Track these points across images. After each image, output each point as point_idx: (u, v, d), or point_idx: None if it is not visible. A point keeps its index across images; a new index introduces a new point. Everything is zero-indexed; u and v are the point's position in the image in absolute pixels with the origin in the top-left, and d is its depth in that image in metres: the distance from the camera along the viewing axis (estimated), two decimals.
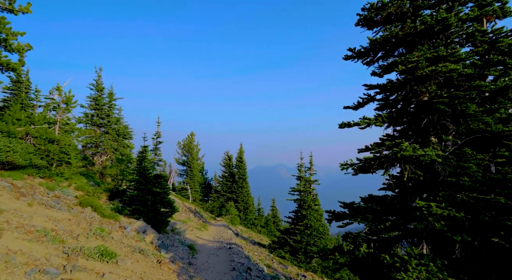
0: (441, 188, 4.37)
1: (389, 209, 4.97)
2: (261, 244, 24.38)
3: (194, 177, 42.30)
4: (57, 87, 15.31)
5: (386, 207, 4.94)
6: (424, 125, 4.81)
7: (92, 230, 7.61)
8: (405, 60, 4.50)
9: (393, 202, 5.09)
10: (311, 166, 22.78)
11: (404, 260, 3.76)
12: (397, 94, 5.41)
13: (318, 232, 20.72)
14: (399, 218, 5.00)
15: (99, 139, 22.33)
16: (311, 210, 21.14)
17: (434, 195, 4.32)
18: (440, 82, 4.65)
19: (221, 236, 19.89)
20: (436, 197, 4.23)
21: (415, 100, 5.20)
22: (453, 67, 4.05)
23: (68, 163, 14.86)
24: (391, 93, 5.78)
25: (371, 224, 4.84)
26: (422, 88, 4.60)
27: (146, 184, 14.11)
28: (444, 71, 4.13)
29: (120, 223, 10.58)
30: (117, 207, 12.99)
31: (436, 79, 4.59)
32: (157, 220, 13.57)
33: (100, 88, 22.98)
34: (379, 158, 5.14)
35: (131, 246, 8.19)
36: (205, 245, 15.45)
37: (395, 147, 4.47)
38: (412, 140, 5.05)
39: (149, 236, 10.69)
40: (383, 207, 4.91)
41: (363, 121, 5.29)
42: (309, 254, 19.97)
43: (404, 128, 5.42)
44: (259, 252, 19.64)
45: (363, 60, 6.26)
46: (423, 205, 4.10)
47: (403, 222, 5.18)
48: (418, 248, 4.60)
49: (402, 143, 4.49)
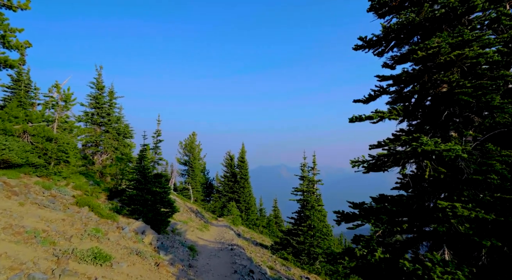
0: (465, 187, 3.95)
1: (405, 210, 4.55)
2: (263, 245, 23.98)
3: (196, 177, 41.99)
4: (56, 85, 15.00)
5: (402, 208, 4.52)
6: (444, 118, 4.39)
7: (87, 231, 7.24)
8: (424, 46, 4.08)
9: (409, 203, 4.67)
10: (314, 165, 22.32)
11: (427, 267, 3.35)
12: (413, 85, 4.99)
13: (321, 233, 20.27)
14: (416, 220, 4.58)
15: (99, 138, 22.03)
16: (315, 211, 20.70)
17: (458, 194, 3.90)
18: (463, 70, 4.24)
19: (223, 237, 19.50)
20: (461, 197, 3.81)
21: (433, 92, 4.77)
22: (482, 52, 3.64)
23: (66, 162, 14.53)
24: (405, 84, 5.36)
25: (386, 226, 4.42)
26: (443, 77, 4.18)
27: (145, 184, 13.76)
28: (471, 56, 3.71)
29: (118, 224, 10.21)
30: (115, 207, 12.64)
31: (459, 67, 4.17)
32: (157, 221, 13.20)
33: (101, 86, 22.68)
34: (394, 155, 4.72)
35: (128, 247, 7.81)
36: (206, 246, 15.07)
37: (414, 141, 4.05)
38: (430, 135, 4.62)
39: (148, 237, 10.32)
40: (398, 208, 4.49)
41: (376, 114, 4.86)
42: (313, 256, 19.53)
43: (420, 123, 5.00)
44: (261, 253, 19.24)
45: (374, 50, 5.84)
46: (446, 206, 3.68)
47: (420, 224, 4.75)
48: (438, 253, 4.17)
49: (421, 137, 4.07)
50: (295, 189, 22.18)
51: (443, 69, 4.33)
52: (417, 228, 4.88)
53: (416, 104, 4.96)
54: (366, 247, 4.36)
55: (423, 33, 4.98)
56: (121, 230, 9.32)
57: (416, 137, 4.14)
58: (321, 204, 21.53)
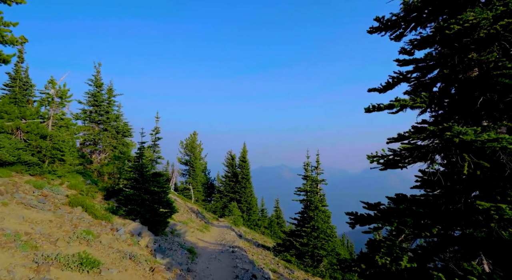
0: (508, 185, 3.35)
1: (432, 211, 3.94)
2: (265, 246, 23.37)
3: (197, 177, 41.47)
4: (51, 80, 14.47)
5: (429, 210, 3.92)
6: (479, 105, 3.79)
7: (76, 233, 6.67)
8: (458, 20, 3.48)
9: (437, 203, 4.07)
10: (318, 165, 21.69)
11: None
12: (440, 70, 4.38)
13: (325, 235, 19.63)
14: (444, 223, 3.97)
15: (98, 136, 21.52)
16: (318, 211, 20.07)
17: (501, 194, 3.31)
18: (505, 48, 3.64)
19: (224, 238, 18.91)
20: (507, 197, 3.21)
21: (463, 76, 4.17)
22: None
23: (61, 160, 14.00)
24: (427, 70, 4.75)
25: (412, 231, 3.82)
26: (480, 57, 3.58)
27: (143, 183, 13.20)
28: None
29: (112, 225, 9.64)
30: (111, 207, 12.08)
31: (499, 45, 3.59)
32: (155, 221, 12.63)
33: (99, 84, 22.17)
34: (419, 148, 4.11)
35: (122, 251, 7.23)
36: (206, 248, 14.48)
37: (447, 131, 3.45)
38: (460, 125, 4.02)
39: (144, 239, 9.74)
40: (425, 209, 3.88)
41: (398, 102, 4.26)
42: (317, 258, 18.90)
43: (446, 112, 4.39)
44: (264, 255, 18.63)
45: (391, 32, 5.23)
46: (489, 207, 3.08)
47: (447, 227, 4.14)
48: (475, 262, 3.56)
49: (454, 127, 3.46)
50: (298, 189, 21.55)
51: (479, 47, 3.73)
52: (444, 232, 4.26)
53: (442, 91, 4.35)
54: (388, 255, 3.75)
55: (451, 11, 4.37)
56: (115, 232, 8.75)
57: (447, 126, 3.53)
58: (325, 205, 20.90)
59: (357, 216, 5.20)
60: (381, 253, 3.84)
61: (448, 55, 4.11)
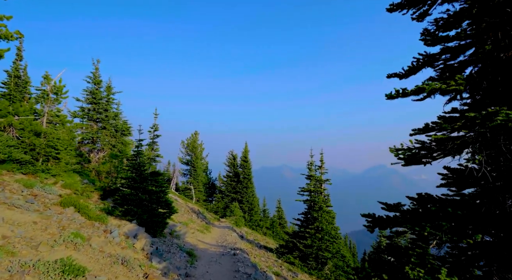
0: None
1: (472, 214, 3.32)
2: (268, 248, 22.75)
3: (198, 177, 40.94)
4: (46, 76, 13.93)
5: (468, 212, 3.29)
6: None
7: (63, 236, 6.08)
8: None
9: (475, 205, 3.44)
10: (322, 164, 21.00)
11: None
12: (476, 48, 3.76)
13: (330, 236, 18.97)
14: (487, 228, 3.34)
15: (96, 134, 21.00)
16: (323, 212, 19.41)
17: None
18: None
19: (225, 240, 18.32)
20: None
21: (504, 55, 3.54)
22: None
23: (56, 158, 13.46)
24: (459, 51, 4.12)
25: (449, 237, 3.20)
26: None
27: (141, 182, 12.62)
28: None
29: (106, 226, 9.06)
30: (107, 208, 11.51)
31: None
32: (153, 222, 12.05)
33: (98, 81, 21.64)
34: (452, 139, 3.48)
35: (113, 255, 6.64)
36: (206, 250, 13.88)
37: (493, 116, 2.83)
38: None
39: (140, 242, 9.14)
40: (464, 212, 3.26)
41: (427, 86, 3.63)
42: (321, 260, 18.24)
43: (484, 97, 3.77)
44: (266, 257, 18.01)
45: (414, 10, 4.60)
46: None
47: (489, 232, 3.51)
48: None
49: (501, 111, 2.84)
50: (301, 189, 20.89)
51: None
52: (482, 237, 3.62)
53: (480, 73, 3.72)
54: (421, 265, 3.13)
55: None
56: (108, 234, 8.16)
57: (493, 111, 2.90)
58: (329, 205, 20.22)
59: (375, 218, 4.57)
60: (411, 264, 3.21)
61: (488, 29, 3.48)
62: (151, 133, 13.59)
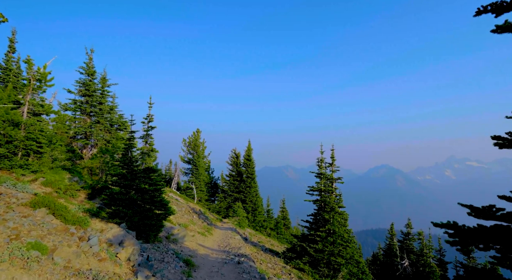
0: None
1: None
2: (273, 251, 21.10)
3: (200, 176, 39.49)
4: (27, 60, 12.42)
5: None
6: None
7: (10, 248, 4.51)
8: None
9: None
10: (333, 161, 19.30)
11: None
12: None
13: (343, 240, 17.30)
14: None
15: (89, 129, 19.48)
16: (335, 213, 17.74)
17: None
18: None
19: (228, 243, 16.73)
20: None
21: None
22: None
23: (38, 152, 11.95)
24: None
25: None
26: None
27: (132, 179, 11.07)
28: None
29: (85, 231, 7.49)
30: (91, 209, 9.97)
31: None
32: (145, 225, 10.49)
33: (91, 71, 20.07)
34: None
35: (83, 273, 5.06)
36: (207, 256, 12.29)
37: None
38: None
39: (126, 250, 7.56)
40: None
41: None
42: (334, 266, 16.58)
43: None
44: (273, 262, 16.39)
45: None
46: None
47: None
48: None
49: None
50: (310, 188, 19.19)
51: None
52: None
53: None
54: None
55: None
56: (84, 242, 6.59)
57: None
58: (341, 206, 18.53)
59: (462, 229, 2.93)
60: None
61: None
62: (145, 124, 12.05)
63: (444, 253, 30.36)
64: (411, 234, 31.54)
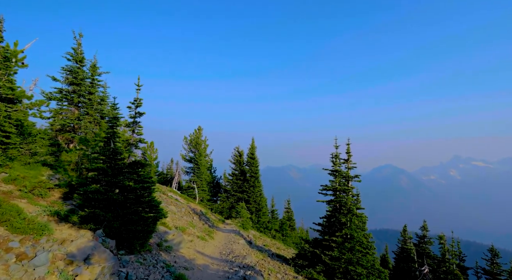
0: None
1: None
2: (281, 256, 18.97)
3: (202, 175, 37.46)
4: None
5: None
6: None
7: None
8: None
9: None
10: (349, 157, 17.12)
11: None
12: None
13: (362, 246, 15.13)
14: None
15: (76, 121, 17.51)
16: (352, 216, 15.57)
17: None
18: None
19: (231, 250, 14.65)
20: None
21: None
22: None
23: (2, 143, 9.96)
24: None
25: None
26: None
27: (114, 175, 9.01)
28: None
29: (34, 244, 5.44)
30: (59, 211, 7.93)
31: None
32: (129, 232, 8.42)
33: (80, 58, 18.08)
34: None
35: None
36: (207, 268, 10.21)
37: None
38: None
39: (93, 269, 5.50)
40: None
41: None
42: (353, 277, 14.44)
43: None
44: (283, 272, 14.26)
45: None
46: None
47: None
48: None
49: None
50: (323, 187, 17.01)
51: None
52: None
53: None
54: None
55: None
56: (26, 261, 4.52)
57: None
58: (360, 207, 16.35)
59: None
60: None
61: None
62: (132, 110, 10.02)
63: (464, 258, 28.02)
64: (427, 237, 29.21)
